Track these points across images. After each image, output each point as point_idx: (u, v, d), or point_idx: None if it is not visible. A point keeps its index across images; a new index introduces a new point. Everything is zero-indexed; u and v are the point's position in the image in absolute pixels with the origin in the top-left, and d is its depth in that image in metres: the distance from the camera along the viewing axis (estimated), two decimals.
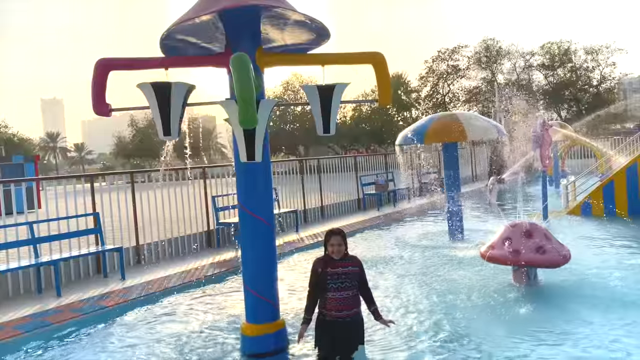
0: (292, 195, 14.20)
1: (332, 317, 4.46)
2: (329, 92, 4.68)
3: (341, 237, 4.48)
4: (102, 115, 4.96)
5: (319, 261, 4.55)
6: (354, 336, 4.58)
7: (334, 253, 4.44)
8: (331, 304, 4.46)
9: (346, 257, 4.51)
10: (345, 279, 4.42)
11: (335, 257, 4.46)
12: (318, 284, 4.47)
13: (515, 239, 6.81)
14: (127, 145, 63.35)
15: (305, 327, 4.45)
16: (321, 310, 4.57)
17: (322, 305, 4.55)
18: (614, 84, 49.90)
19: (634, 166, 12.52)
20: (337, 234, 4.49)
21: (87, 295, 7.49)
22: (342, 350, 4.54)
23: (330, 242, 4.47)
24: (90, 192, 9.31)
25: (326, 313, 4.50)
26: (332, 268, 4.41)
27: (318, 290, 4.49)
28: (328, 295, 4.48)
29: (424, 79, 53.84)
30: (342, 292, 4.42)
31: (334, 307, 4.44)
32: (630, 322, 5.40)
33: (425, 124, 10.28)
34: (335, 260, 4.46)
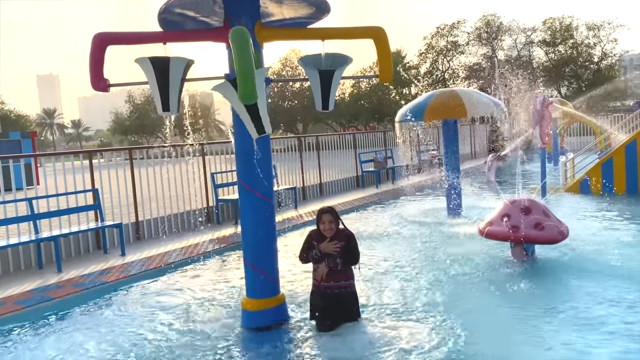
0: (291, 172, 14.20)
1: (320, 287, 4.65)
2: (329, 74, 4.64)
3: (332, 214, 4.55)
4: (99, 90, 4.92)
5: (314, 233, 4.67)
6: (344, 308, 4.70)
7: (326, 231, 4.54)
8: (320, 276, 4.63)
9: (338, 232, 4.61)
10: (337, 256, 4.56)
11: (328, 236, 4.56)
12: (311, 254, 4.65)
13: (514, 215, 6.83)
14: (125, 122, 63.07)
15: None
16: (313, 281, 4.75)
17: (314, 275, 4.77)
18: (615, 61, 49.54)
19: (633, 143, 12.50)
20: (328, 212, 4.57)
21: (87, 271, 7.54)
22: (334, 321, 4.66)
23: (322, 220, 4.57)
24: (89, 169, 9.30)
25: (316, 284, 4.72)
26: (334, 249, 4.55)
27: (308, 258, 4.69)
28: (316, 267, 4.66)
29: (423, 55, 53.40)
30: (333, 265, 4.54)
31: (325, 278, 4.59)
32: (627, 296, 5.45)
33: (424, 100, 10.21)
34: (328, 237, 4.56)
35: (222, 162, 12.24)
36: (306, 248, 4.71)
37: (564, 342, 4.46)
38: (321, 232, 4.65)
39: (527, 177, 15.86)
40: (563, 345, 4.40)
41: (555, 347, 4.38)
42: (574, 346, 4.38)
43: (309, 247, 4.68)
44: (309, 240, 4.72)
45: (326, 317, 4.68)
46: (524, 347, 4.41)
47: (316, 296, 4.74)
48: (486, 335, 4.66)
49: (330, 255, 4.58)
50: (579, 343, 4.43)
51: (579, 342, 4.44)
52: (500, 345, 4.44)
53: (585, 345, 4.39)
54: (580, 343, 4.43)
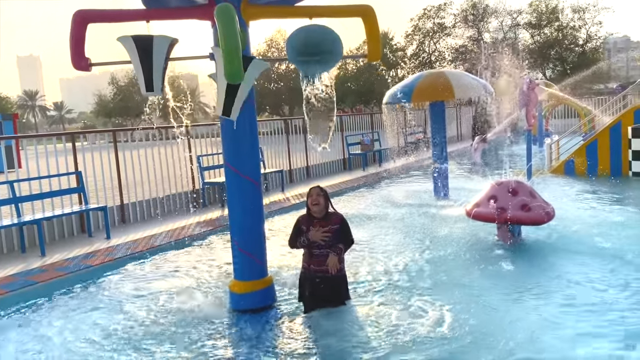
0: (278, 155, 14.12)
1: (312, 271, 4.61)
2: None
3: (321, 192, 4.51)
4: (81, 70, 4.79)
5: (303, 219, 4.61)
6: (333, 291, 4.69)
7: (315, 208, 4.49)
8: (312, 260, 4.60)
9: (328, 215, 4.57)
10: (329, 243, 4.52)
11: (317, 216, 4.52)
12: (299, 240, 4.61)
13: (501, 196, 6.85)
14: (108, 104, 62.16)
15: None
16: (302, 263, 4.71)
17: (303, 258, 4.73)
18: (599, 43, 49.78)
19: (618, 125, 12.60)
20: (317, 187, 4.55)
21: (72, 255, 7.44)
22: (323, 304, 4.65)
23: (310, 193, 4.52)
24: (72, 151, 9.13)
25: (305, 266, 4.68)
26: (313, 227, 4.49)
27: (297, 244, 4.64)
28: (308, 251, 4.61)
29: (409, 37, 53.16)
30: (322, 249, 4.53)
31: (315, 262, 4.57)
32: (611, 275, 5.51)
33: (412, 82, 10.14)
34: (317, 219, 4.53)
35: (208, 145, 12.12)
36: (295, 233, 4.65)
37: (551, 321, 4.50)
38: (310, 216, 4.59)
39: (513, 159, 15.94)
40: (550, 324, 4.44)
41: (542, 326, 4.41)
42: (560, 325, 4.42)
43: (298, 233, 4.63)
44: (298, 226, 4.66)
45: (316, 301, 4.66)
46: (511, 326, 4.43)
47: (306, 279, 4.71)
48: (474, 315, 4.68)
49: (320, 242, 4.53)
50: (565, 322, 4.47)
51: (565, 322, 4.48)
52: (488, 325, 4.46)
53: (571, 324, 4.43)
54: (566, 322, 4.47)
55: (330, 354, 4.15)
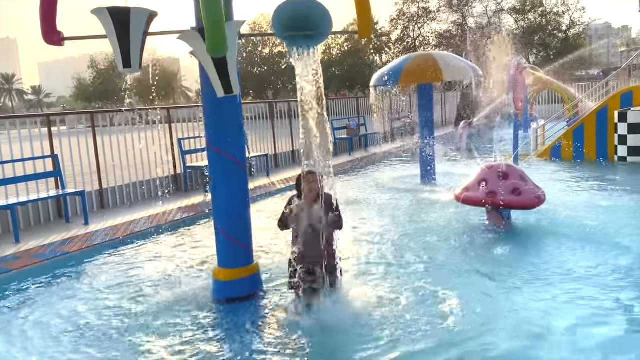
0: (263, 139, 13.85)
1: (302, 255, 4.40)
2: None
3: (314, 176, 4.30)
4: (53, 44, 4.49)
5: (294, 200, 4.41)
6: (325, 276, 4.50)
7: (307, 191, 4.28)
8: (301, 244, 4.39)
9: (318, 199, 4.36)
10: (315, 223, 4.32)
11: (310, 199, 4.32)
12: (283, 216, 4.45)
13: (491, 180, 6.72)
14: (88, 88, 60.95)
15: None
16: (293, 249, 4.51)
17: (293, 243, 4.50)
18: (582, 29, 50.08)
19: (604, 110, 12.57)
20: (310, 173, 4.32)
21: (48, 241, 7.15)
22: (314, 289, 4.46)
23: (307, 178, 4.30)
24: (48, 134, 8.78)
25: (296, 252, 4.45)
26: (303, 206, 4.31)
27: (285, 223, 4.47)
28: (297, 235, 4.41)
29: (394, 21, 52.81)
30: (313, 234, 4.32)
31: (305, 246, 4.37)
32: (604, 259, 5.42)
33: (400, 64, 9.92)
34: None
35: (189, 128, 11.80)
36: (284, 219, 4.44)
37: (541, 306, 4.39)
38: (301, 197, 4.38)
39: (499, 144, 15.88)
40: (539, 309, 4.33)
41: (532, 310, 4.30)
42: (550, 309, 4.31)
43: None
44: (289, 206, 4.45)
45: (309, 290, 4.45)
46: (501, 310, 4.32)
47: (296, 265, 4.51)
48: (464, 299, 4.54)
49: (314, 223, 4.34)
50: (555, 307, 4.37)
51: (555, 306, 4.38)
52: (478, 308, 4.33)
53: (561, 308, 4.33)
54: (556, 307, 4.37)
55: (321, 342, 3.98)
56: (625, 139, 11.84)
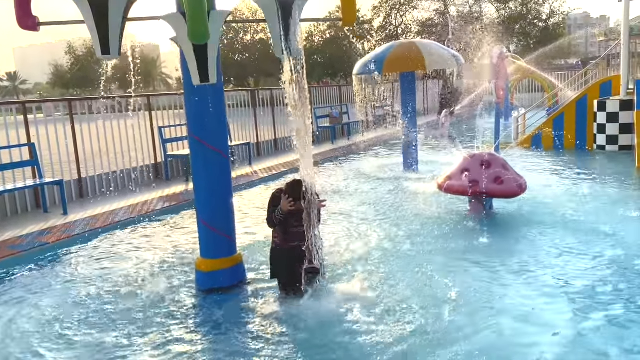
0: (244, 128, 13.73)
1: (285, 246, 4.40)
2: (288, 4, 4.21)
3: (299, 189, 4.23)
4: (27, 29, 4.34)
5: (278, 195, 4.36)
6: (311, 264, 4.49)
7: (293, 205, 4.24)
8: (286, 236, 4.41)
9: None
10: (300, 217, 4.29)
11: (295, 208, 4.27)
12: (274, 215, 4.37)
13: (473, 169, 6.74)
14: (66, 75, 59.75)
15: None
16: (274, 240, 4.48)
17: (276, 235, 4.49)
18: (562, 19, 50.50)
19: (584, 99, 12.71)
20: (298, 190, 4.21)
21: (25, 232, 7.00)
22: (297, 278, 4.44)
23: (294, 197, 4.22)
24: (24, 122, 8.56)
25: (278, 243, 4.46)
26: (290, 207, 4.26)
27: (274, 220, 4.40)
28: (284, 230, 4.40)
29: (376, 9, 52.59)
30: (294, 228, 4.34)
31: (289, 238, 4.39)
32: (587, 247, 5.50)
33: (383, 52, 9.89)
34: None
35: (170, 116, 11.63)
36: (272, 211, 4.38)
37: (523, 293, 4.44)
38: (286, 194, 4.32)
39: (480, 132, 15.97)
40: (522, 296, 4.38)
41: (515, 298, 4.35)
42: (532, 296, 4.37)
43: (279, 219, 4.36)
44: (274, 203, 4.38)
45: (291, 277, 4.43)
46: (484, 299, 4.34)
47: (278, 255, 4.48)
48: (447, 288, 4.56)
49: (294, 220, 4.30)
50: (537, 294, 4.42)
51: (537, 293, 4.43)
52: (461, 297, 4.35)
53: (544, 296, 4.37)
54: (539, 294, 4.42)
55: (305, 332, 3.96)
56: (604, 128, 12.00)
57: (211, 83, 4.00)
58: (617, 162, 10.71)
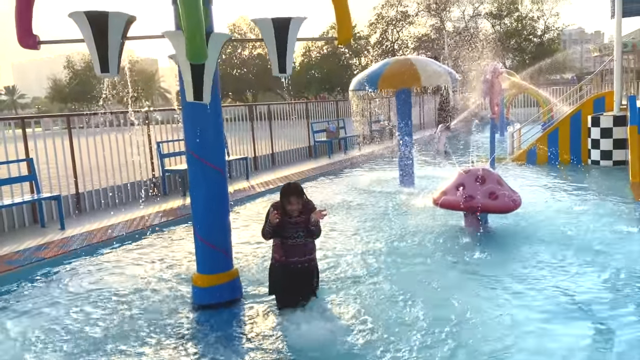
0: (242, 142, 13.80)
1: (284, 262, 4.44)
2: (284, 26, 4.31)
3: (298, 195, 4.31)
4: (28, 48, 4.42)
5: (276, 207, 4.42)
6: (307, 282, 4.55)
7: (292, 212, 4.30)
8: (284, 250, 4.44)
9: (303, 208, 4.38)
10: (299, 229, 4.35)
11: (294, 215, 4.33)
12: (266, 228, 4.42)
13: (468, 184, 6.81)
14: (64, 89, 59.91)
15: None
16: (274, 255, 4.53)
17: (275, 250, 4.53)
18: (556, 34, 51.06)
19: (578, 114, 12.83)
20: (294, 194, 4.29)
21: (23, 247, 7.02)
22: (296, 295, 4.49)
23: (290, 201, 4.30)
24: (22, 137, 8.61)
25: (278, 258, 4.50)
26: (288, 217, 4.31)
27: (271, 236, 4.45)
28: (280, 242, 4.43)
29: (373, 25, 53.11)
30: (295, 240, 4.39)
31: (287, 253, 4.43)
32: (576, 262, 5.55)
33: (379, 69, 10.00)
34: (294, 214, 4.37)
35: (168, 131, 11.70)
36: (269, 230, 4.42)
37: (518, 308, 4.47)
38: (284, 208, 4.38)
39: (476, 147, 16.09)
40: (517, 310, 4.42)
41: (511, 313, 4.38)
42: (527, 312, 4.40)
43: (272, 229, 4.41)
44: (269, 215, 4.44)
45: (290, 293, 4.48)
46: (479, 314, 4.38)
47: (277, 271, 4.52)
48: (443, 303, 4.60)
49: (293, 231, 4.35)
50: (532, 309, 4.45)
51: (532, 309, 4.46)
52: (456, 312, 4.38)
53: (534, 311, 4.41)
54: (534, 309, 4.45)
55: (301, 348, 3.98)
56: (598, 143, 12.11)
57: (205, 102, 4.06)
58: (611, 177, 10.80)
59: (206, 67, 3.74)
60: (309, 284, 4.60)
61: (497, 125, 20.04)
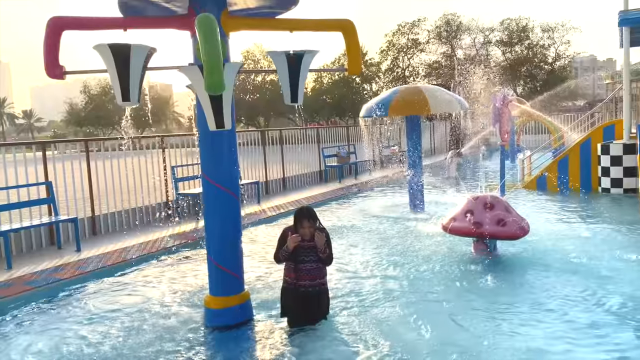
0: (254, 166, 14.02)
1: (295, 285, 4.54)
2: (297, 60, 4.52)
3: (311, 219, 4.45)
4: (55, 77, 4.65)
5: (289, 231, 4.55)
6: (318, 306, 4.65)
7: (305, 235, 4.43)
8: (296, 273, 4.55)
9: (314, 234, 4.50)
10: (311, 252, 4.47)
11: (306, 238, 4.46)
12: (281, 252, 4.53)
13: (477, 211, 6.90)
14: (80, 113, 61.08)
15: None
16: (285, 278, 4.64)
17: (287, 274, 4.62)
18: (567, 62, 51.24)
19: (588, 142, 12.90)
20: (308, 218, 4.44)
21: (40, 268, 7.19)
22: (307, 318, 4.59)
23: (302, 225, 4.44)
24: (42, 161, 8.88)
25: (290, 282, 4.59)
26: (300, 241, 4.44)
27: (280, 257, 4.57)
28: (293, 265, 4.53)
29: (384, 52, 53.76)
30: (306, 264, 4.51)
31: (299, 276, 4.53)
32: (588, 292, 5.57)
33: (388, 96, 10.22)
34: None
35: (182, 155, 11.95)
36: (280, 247, 4.57)
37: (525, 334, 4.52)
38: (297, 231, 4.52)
39: (486, 174, 16.16)
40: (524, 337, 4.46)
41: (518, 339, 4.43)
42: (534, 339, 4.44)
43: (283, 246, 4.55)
44: (283, 239, 4.57)
45: (300, 316, 4.59)
46: (486, 339, 4.43)
47: (289, 294, 4.63)
48: (450, 328, 4.67)
49: (305, 254, 4.48)
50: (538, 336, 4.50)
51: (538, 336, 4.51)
52: (464, 338, 4.45)
53: (544, 338, 4.46)
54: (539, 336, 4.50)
55: None
56: (608, 171, 12.14)
57: (226, 129, 4.25)
58: (621, 205, 10.80)
59: (224, 96, 3.93)
60: (319, 308, 4.70)
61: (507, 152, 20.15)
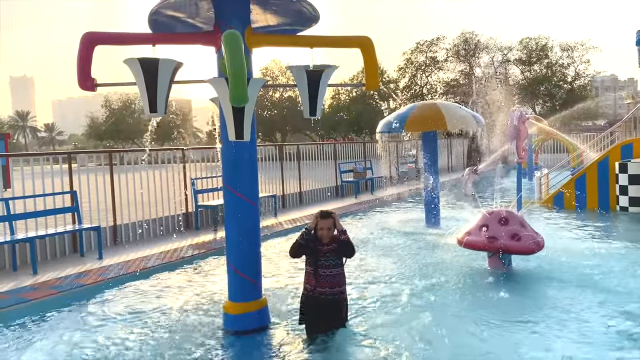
0: (271, 180, 14.23)
1: (315, 292, 4.63)
2: (317, 75, 4.71)
3: (332, 220, 4.59)
4: (87, 90, 4.90)
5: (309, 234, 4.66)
6: (336, 314, 4.74)
7: (323, 237, 4.56)
8: (316, 279, 4.65)
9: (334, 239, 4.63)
10: (330, 257, 4.58)
11: (324, 241, 4.59)
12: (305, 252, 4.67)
13: (492, 225, 6.97)
14: (100, 127, 62.17)
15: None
16: (305, 286, 4.74)
17: (307, 280, 4.72)
18: (587, 81, 50.90)
19: (605, 160, 12.88)
20: (327, 217, 4.59)
21: (64, 274, 7.42)
22: (325, 326, 4.69)
23: (320, 225, 4.58)
24: (68, 171, 9.18)
25: (310, 289, 4.68)
26: (319, 245, 4.56)
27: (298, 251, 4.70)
28: (312, 271, 4.65)
29: (402, 70, 54.00)
30: (325, 270, 4.61)
31: (319, 283, 4.62)
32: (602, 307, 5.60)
33: (405, 112, 10.37)
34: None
35: (202, 168, 12.20)
36: (298, 243, 4.66)
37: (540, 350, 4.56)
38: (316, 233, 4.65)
39: (503, 191, 16.15)
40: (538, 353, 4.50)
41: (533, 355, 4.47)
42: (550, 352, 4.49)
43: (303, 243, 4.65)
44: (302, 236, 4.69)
45: (318, 324, 4.69)
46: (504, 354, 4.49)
47: (308, 302, 4.73)
48: (465, 342, 4.73)
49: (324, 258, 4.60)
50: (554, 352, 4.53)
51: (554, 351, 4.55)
52: (478, 353, 4.51)
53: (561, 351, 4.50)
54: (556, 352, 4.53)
55: None
56: (627, 190, 12.09)
57: (245, 140, 4.44)
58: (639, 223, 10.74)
59: (246, 109, 4.13)
60: (338, 316, 4.79)
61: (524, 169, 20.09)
